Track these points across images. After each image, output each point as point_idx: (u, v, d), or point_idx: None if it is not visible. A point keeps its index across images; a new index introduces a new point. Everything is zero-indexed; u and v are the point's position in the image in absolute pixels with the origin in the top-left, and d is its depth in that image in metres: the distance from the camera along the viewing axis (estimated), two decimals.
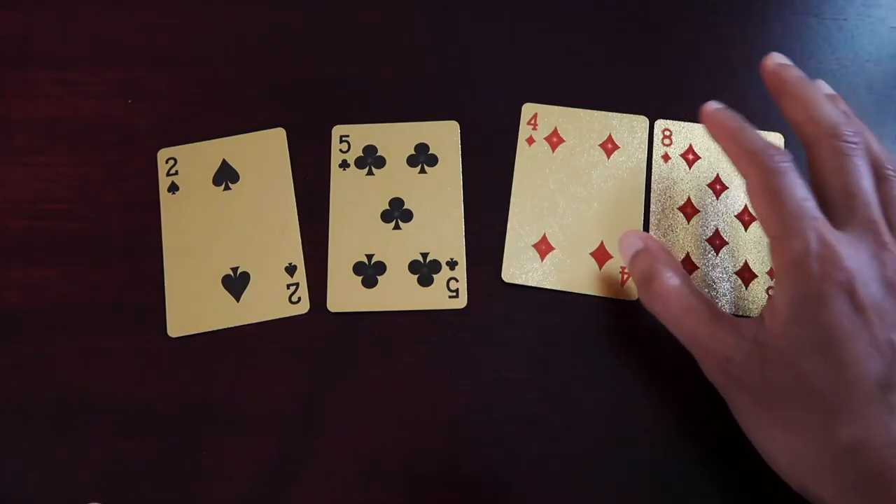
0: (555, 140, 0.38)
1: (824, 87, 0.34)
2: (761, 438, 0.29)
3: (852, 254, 0.27)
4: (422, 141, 0.38)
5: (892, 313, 0.27)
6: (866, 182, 0.29)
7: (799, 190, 0.29)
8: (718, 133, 0.32)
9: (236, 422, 0.34)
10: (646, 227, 0.36)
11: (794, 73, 0.32)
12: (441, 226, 0.36)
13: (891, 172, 0.30)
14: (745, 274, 0.35)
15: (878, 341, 0.26)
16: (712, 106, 0.33)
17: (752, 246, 0.36)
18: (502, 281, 0.35)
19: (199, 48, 0.40)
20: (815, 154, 0.30)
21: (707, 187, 0.37)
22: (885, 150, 0.31)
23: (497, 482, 0.33)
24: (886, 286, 0.27)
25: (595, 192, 0.37)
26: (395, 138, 0.38)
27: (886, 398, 0.26)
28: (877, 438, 0.26)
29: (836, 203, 0.29)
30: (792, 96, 0.32)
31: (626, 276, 0.35)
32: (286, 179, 0.37)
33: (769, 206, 0.29)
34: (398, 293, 0.35)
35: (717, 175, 0.37)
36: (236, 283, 0.36)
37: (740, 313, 0.35)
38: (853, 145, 0.30)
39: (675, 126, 0.38)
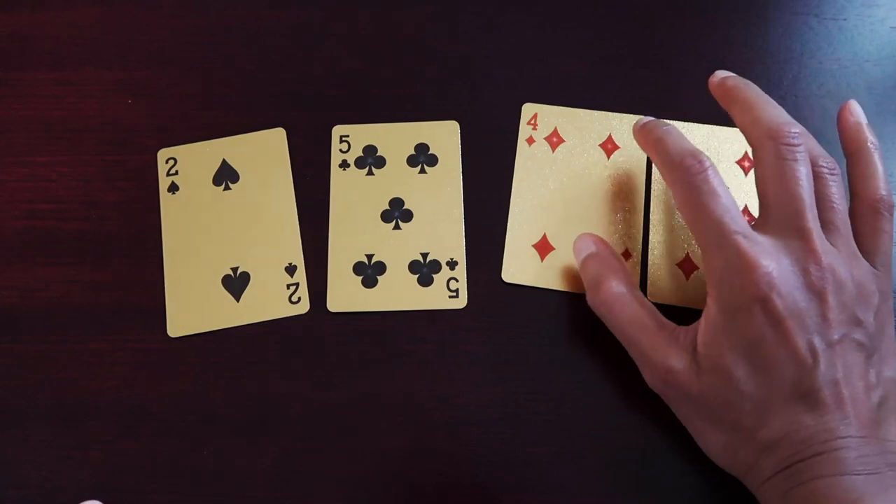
0: (555, 140, 0.38)
1: None
2: (701, 437, 0.31)
3: (773, 265, 0.28)
4: (422, 141, 0.38)
5: (814, 318, 0.28)
6: (803, 187, 0.29)
7: (718, 204, 0.29)
8: (644, 144, 0.34)
9: (236, 422, 0.34)
10: (646, 227, 0.36)
11: (737, 80, 0.33)
12: (441, 226, 0.36)
13: (823, 169, 0.31)
14: None
15: (796, 349, 0.28)
16: (645, 119, 0.34)
17: None
18: (502, 281, 0.35)
19: (199, 48, 0.40)
20: (757, 156, 0.31)
21: None
22: (819, 147, 0.32)
23: (497, 482, 0.33)
24: (809, 292, 0.28)
25: (595, 192, 0.37)
26: (395, 138, 0.38)
27: (802, 400, 0.28)
28: (792, 436, 0.28)
29: (771, 207, 0.30)
30: (737, 102, 0.32)
31: None
32: (286, 179, 0.37)
33: (692, 221, 0.30)
34: (398, 293, 0.35)
35: None
36: (236, 283, 0.36)
37: None
38: (793, 148, 0.30)
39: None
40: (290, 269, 0.36)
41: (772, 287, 0.28)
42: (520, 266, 0.36)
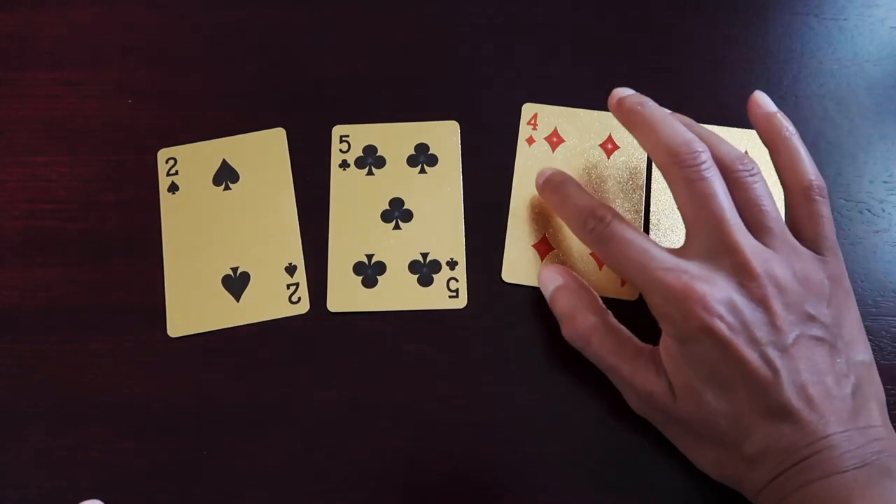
0: (555, 140, 0.38)
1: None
2: (692, 454, 0.31)
3: (706, 288, 0.28)
4: (422, 141, 0.38)
5: (762, 328, 0.28)
6: (719, 203, 0.29)
7: (633, 248, 0.29)
8: (548, 201, 0.34)
9: (236, 422, 0.34)
10: (646, 228, 0.36)
11: (633, 101, 0.32)
12: (441, 226, 0.36)
13: (742, 174, 0.30)
14: None
15: (751, 366, 0.27)
16: (545, 174, 0.34)
17: None
18: (502, 281, 0.35)
19: (199, 48, 0.40)
20: (667, 180, 0.31)
21: None
22: (734, 150, 0.31)
23: (497, 482, 0.33)
24: (751, 303, 0.28)
25: (595, 192, 0.37)
26: (395, 138, 0.38)
27: (774, 412, 0.28)
28: (775, 445, 0.28)
29: (692, 229, 0.30)
30: (636, 127, 0.32)
31: None
32: (286, 179, 0.37)
33: (619, 271, 0.31)
34: (398, 293, 0.35)
35: None
36: (236, 283, 0.36)
37: None
38: (698, 168, 0.29)
39: None
40: (290, 269, 0.36)
41: (710, 311, 0.28)
42: (520, 266, 0.36)
